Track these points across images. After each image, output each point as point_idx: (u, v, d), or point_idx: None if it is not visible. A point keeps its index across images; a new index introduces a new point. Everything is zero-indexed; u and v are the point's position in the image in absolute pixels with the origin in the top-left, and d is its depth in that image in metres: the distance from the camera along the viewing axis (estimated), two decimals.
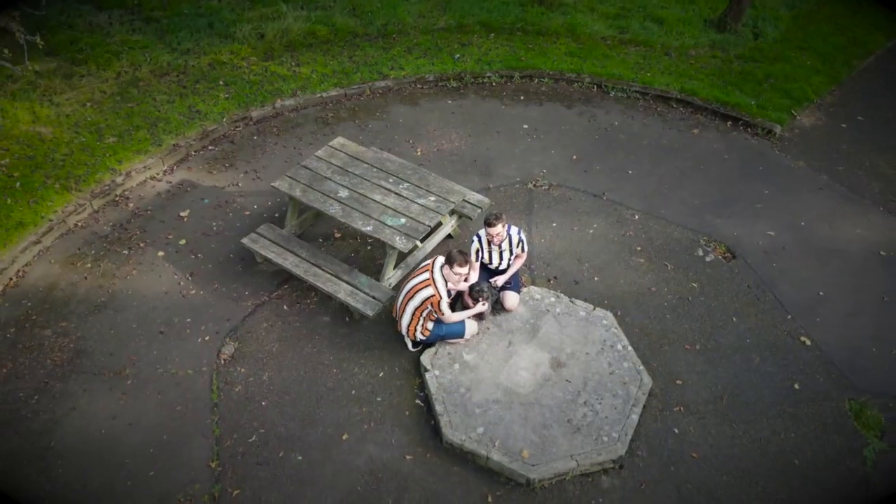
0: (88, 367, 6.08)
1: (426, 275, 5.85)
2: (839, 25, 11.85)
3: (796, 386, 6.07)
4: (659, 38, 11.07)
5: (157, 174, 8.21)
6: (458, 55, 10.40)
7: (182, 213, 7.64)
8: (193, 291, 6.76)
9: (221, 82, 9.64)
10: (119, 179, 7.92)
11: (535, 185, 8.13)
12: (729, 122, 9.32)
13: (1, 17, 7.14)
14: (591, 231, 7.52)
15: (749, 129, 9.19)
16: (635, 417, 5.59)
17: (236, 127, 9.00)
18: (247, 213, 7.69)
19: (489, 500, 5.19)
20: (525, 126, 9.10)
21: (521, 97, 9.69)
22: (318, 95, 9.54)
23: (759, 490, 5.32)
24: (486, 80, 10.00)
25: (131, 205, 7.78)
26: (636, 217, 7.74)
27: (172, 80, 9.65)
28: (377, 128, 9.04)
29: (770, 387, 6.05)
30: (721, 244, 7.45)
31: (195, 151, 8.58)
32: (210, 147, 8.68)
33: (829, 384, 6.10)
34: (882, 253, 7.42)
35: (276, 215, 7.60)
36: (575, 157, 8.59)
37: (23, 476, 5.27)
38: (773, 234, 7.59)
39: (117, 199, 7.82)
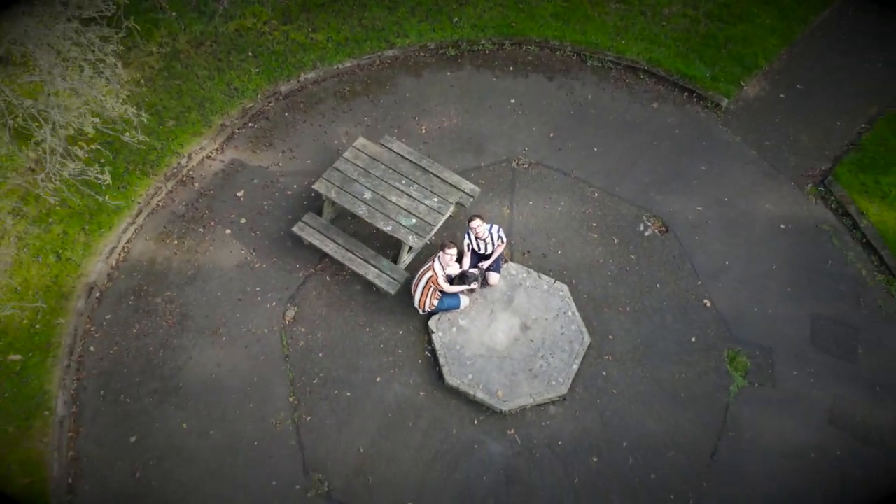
0: (193, 327, 8.58)
1: (429, 263, 8.17)
2: None
3: (693, 339, 8.63)
4: None
5: (212, 153, 10.13)
6: (456, 19, 11.71)
7: (238, 194, 9.71)
8: (258, 265, 9.08)
9: (250, 53, 11.12)
10: (183, 161, 9.88)
11: (517, 164, 10.09)
12: (685, 94, 10.98)
13: None
14: (558, 209, 9.65)
15: (701, 102, 10.89)
16: (576, 367, 8.20)
17: (269, 103, 10.70)
18: (289, 192, 9.75)
19: (475, 423, 7.96)
20: (512, 101, 10.79)
21: (511, 68, 11.22)
22: (335, 67, 11.09)
23: (654, 415, 8.07)
24: (480, 48, 11.44)
25: (196, 184, 9.81)
26: (596, 195, 9.82)
27: (208, 51, 11.11)
28: (387, 103, 10.74)
29: (674, 340, 8.61)
30: (659, 219, 9.62)
31: (238, 129, 10.40)
32: (250, 124, 10.47)
33: (717, 337, 8.65)
34: (782, 226, 9.62)
35: (313, 195, 9.65)
36: (552, 134, 10.43)
37: (166, 408, 7.98)
38: (701, 210, 9.73)
39: (184, 179, 9.84)
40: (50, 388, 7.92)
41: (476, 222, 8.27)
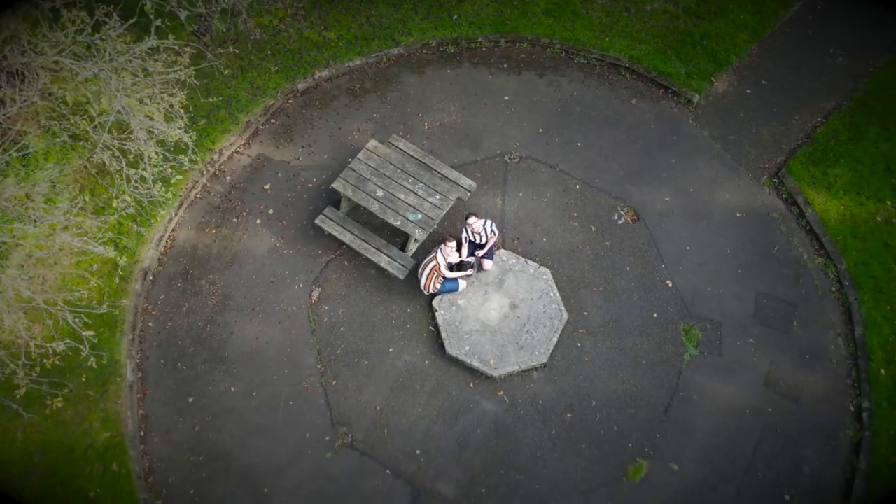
0: (233, 305, 10.17)
1: (433, 254, 9.70)
2: None
3: (655, 315, 10.24)
4: None
5: (240, 149, 11.47)
6: (455, 16, 12.80)
7: (265, 187, 11.13)
8: (286, 251, 10.59)
9: (269, 52, 12.27)
10: (216, 157, 11.24)
11: (509, 158, 11.45)
12: (661, 91, 12.20)
13: None
14: (545, 200, 11.08)
15: (675, 98, 12.13)
16: (555, 339, 9.83)
17: (288, 100, 11.96)
18: (310, 185, 11.16)
19: (471, 386, 9.67)
20: (506, 98, 12.03)
21: (505, 65, 12.40)
22: (347, 65, 12.27)
23: (619, 378, 9.77)
24: (477, 45, 12.59)
25: (228, 178, 11.21)
26: (577, 187, 11.23)
27: (230, 49, 12.25)
28: (394, 100, 11.99)
29: (639, 315, 10.22)
30: (631, 209, 11.07)
31: (262, 125, 11.71)
32: (272, 121, 11.77)
33: (675, 313, 10.26)
34: (738, 214, 11.07)
35: (331, 188, 11.03)
36: (541, 129, 11.73)
37: (216, 374, 9.67)
38: (669, 200, 11.16)
39: (218, 173, 11.23)
40: (120, 358, 9.59)
41: (472, 219, 9.74)
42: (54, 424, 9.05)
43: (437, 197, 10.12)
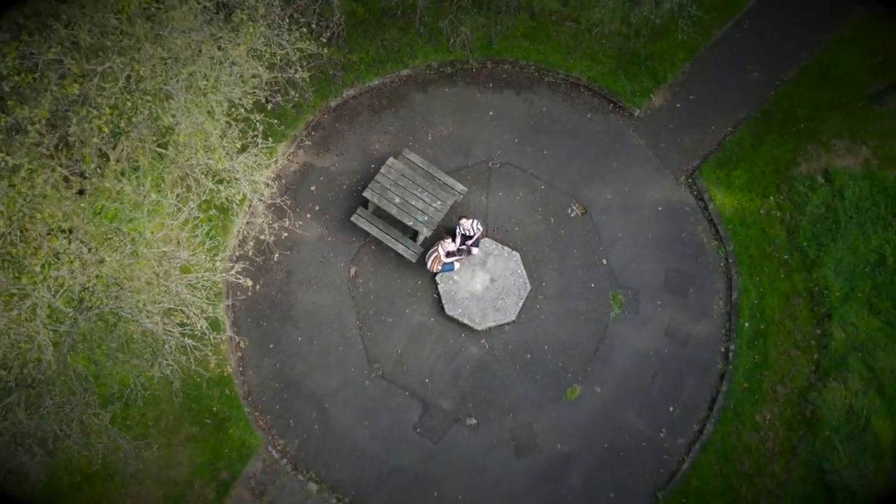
0: (295, 278, 14.42)
1: (435, 245, 13.85)
2: None
3: (592, 285, 14.51)
4: (585, 12, 16.35)
5: (290, 157, 15.26)
6: (451, 40, 16.09)
7: (312, 188, 15.04)
8: (330, 238, 14.69)
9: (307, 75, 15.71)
10: (272, 164, 15.05)
11: (492, 164, 15.28)
12: (611, 106, 15.78)
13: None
14: (518, 198, 15.03)
15: (621, 112, 15.73)
16: (521, 304, 14.15)
17: (323, 116, 15.57)
18: (344, 187, 15.06)
19: (462, 336, 14.13)
20: (490, 113, 15.64)
21: (490, 84, 15.89)
22: (367, 85, 15.76)
23: (565, 330, 14.20)
24: (468, 67, 15.99)
25: (283, 181, 15.10)
26: (542, 187, 15.14)
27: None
28: (405, 115, 15.60)
29: (582, 285, 14.49)
30: (581, 204, 15.04)
31: (304, 138, 15.42)
32: (312, 133, 15.47)
33: (606, 283, 14.53)
34: (659, 208, 15.07)
35: (360, 187, 14.89)
36: (517, 140, 15.45)
37: (287, 328, 14.08)
38: (610, 197, 15.10)
39: (276, 177, 15.09)
40: (222, 318, 13.94)
41: (463, 220, 13.78)
42: (185, 364, 13.53)
43: (439, 203, 14.10)
